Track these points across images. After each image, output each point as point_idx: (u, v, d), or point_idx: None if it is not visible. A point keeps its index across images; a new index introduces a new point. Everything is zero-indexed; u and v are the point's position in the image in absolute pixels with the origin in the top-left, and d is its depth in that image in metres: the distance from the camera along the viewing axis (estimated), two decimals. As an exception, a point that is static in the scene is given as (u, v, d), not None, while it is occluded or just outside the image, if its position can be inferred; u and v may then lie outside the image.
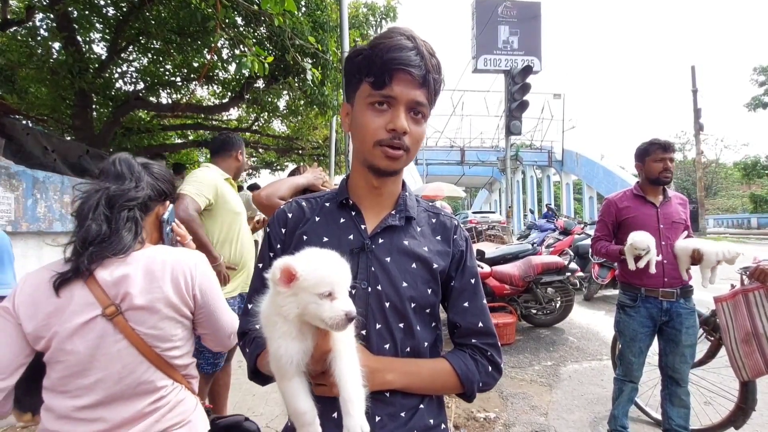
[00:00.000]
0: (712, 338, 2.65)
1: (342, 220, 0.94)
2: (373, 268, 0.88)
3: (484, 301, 0.98)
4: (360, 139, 0.89)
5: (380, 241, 0.91)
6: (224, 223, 2.48)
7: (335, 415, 0.79)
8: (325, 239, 0.91)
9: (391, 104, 0.84)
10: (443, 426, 0.94)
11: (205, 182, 2.40)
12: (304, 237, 0.92)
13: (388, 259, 0.89)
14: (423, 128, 0.89)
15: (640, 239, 2.33)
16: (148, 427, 1.07)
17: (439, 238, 0.97)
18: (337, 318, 0.69)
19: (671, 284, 2.41)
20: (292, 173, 2.84)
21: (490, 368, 0.94)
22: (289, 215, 0.97)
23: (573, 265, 5.65)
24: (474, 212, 21.83)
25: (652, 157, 2.49)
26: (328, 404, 0.78)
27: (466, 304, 0.96)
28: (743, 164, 34.30)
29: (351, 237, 0.91)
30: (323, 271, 0.70)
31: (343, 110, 0.97)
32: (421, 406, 0.90)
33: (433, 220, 1.00)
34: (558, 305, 5.34)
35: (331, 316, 0.69)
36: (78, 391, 1.03)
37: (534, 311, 5.31)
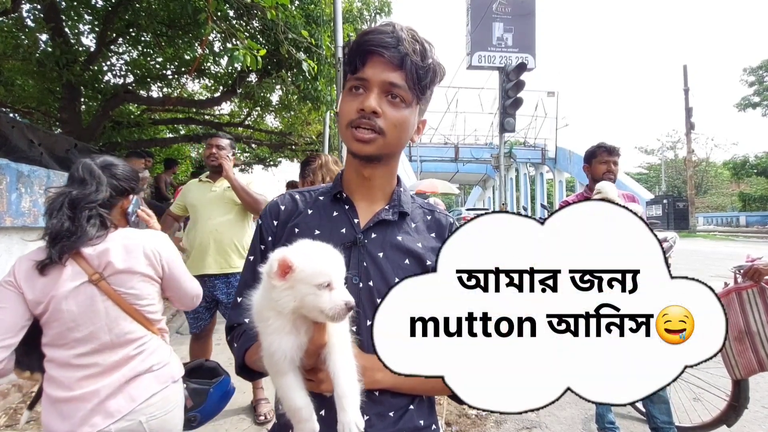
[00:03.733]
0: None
1: (335, 214, 0.93)
2: (365, 263, 0.87)
3: None
4: (339, 125, 0.90)
5: (373, 236, 0.90)
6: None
7: (322, 412, 0.77)
8: (317, 232, 0.89)
9: (366, 87, 0.83)
10: (434, 427, 0.92)
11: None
12: (296, 230, 0.91)
13: (381, 255, 0.88)
14: (403, 112, 0.85)
15: (610, 186, 2.44)
16: (134, 366, 1.35)
17: (433, 235, 0.96)
18: (338, 308, 0.68)
19: None
20: (307, 162, 2.71)
21: None
22: (282, 207, 0.96)
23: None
24: (468, 209, 21.88)
25: (598, 159, 2.70)
26: (315, 401, 0.76)
27: None
28: (732, 163, 34.82)
29: (343, 231, 0.90)
30: (321, 261, 0.70)
31: (339, 106, 0.96)
32: (411, 406, 0.88)
33: (428, 217, 0.99)
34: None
35: (331, 307, 0.68)
36: (73, 342, 1.28)
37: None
